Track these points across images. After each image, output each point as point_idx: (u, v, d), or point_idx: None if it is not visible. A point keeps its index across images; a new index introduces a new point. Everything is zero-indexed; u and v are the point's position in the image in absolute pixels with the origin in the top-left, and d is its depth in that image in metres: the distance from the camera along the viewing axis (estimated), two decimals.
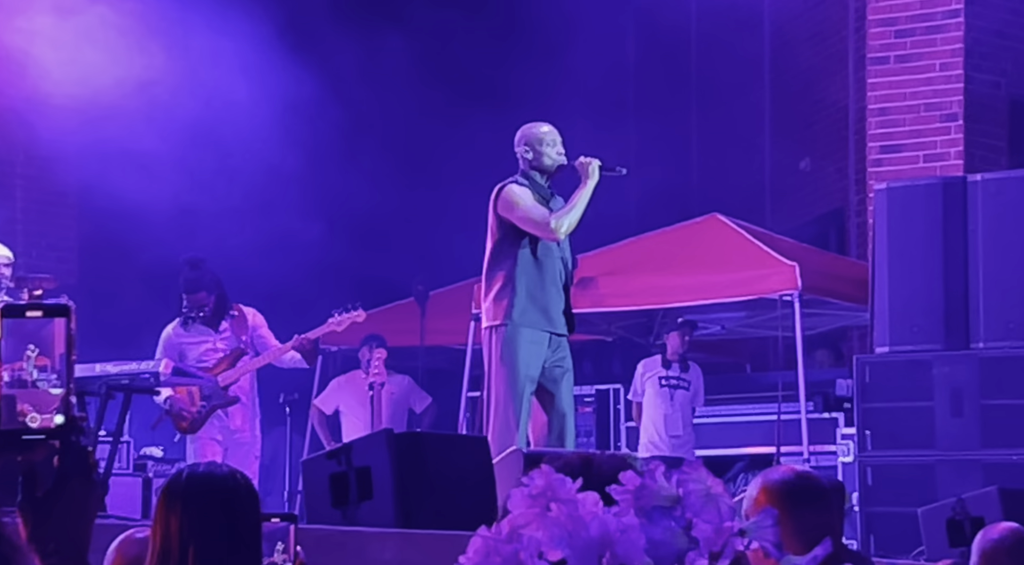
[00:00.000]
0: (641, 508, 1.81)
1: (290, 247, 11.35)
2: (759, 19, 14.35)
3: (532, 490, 1.82)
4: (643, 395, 10.72)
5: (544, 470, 1.84)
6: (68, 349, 1.99)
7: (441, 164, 12.81)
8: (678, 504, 1.82)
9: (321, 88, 10.72)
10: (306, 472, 6.62)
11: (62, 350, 1.98)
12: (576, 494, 1.82)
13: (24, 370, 1.97)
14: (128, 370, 7.52)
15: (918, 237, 8.68)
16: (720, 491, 1.84)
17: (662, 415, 10.60)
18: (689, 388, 10.70)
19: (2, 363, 1.95)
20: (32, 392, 1.96)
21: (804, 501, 3.48)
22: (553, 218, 7.18)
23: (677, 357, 10.70)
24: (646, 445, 10.59)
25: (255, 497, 3.30)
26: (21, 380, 1.96)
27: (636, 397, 10.80)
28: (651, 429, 10.62)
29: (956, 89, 10.59)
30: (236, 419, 8.80)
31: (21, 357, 1.97)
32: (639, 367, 10.85)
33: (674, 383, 10.68)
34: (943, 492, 7.87)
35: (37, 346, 1.97)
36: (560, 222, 7.19)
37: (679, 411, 10.63)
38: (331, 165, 11.62)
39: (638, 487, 1.82)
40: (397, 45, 12.16)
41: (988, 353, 8.42)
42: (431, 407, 11.06)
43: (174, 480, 3.30)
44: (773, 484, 3.53)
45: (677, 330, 10.76)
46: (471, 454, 6.38)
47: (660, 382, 10.68)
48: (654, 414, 10.63)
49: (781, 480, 3.54)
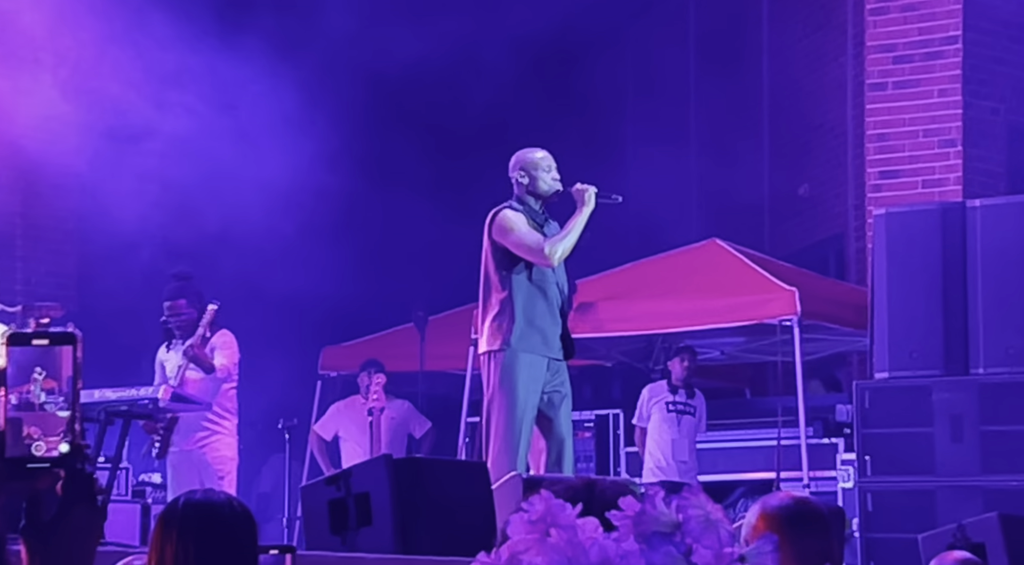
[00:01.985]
0: (641, 534, 1.81)
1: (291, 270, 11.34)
2: (758, 45, 14.39)
3: (532, 515, 1.81)
4: (648, 420, 10.70)
5: (544, 495, 1.83)
6: (75, 376, 1.99)
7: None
8: (678, 530, 1.81)
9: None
10: (305, 498, 6.61)
11: (69, 373, 1.99)
12: (576, 520, 1.81)
13: (31, 392, 1.97)
14: (127, 396, 7.52)
15: (917, 262, 8.68)
16: (720, 517, 1.83)
17: (669, 440, 10.58)
18: (695, 414, 10.71)
19: (8, 389, 1.95)
20: (39, 415, 1.96)
21: (803, 527, 3.47)
22: (547, 244, 7.18)
23: (681, 383, 10.71)
24: (652, 470, 10.57)
25: (252, 524, 3.29)
26: (28, 402, 1.96)
27: (641, 422, 10.77)
28: (658, 454, 10.60)
29: (955, 115, 10.62)
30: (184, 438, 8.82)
31: (28, 379, 1.98)
32: (644, 392, 10.83)
33: (681, 408, 10.68)
34: (943, 518, 7.85)
35: (44, 369, 1.98)
36: (554, 248, 7.19)
37: (686, 437, 10.63)
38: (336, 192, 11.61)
39: (638, 513, 1.82)
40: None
41: (988, 379, 8.41)
42: (430, 432, 11.04)
43: (170, 508, 3.29)
44: (772, 510, 3.52)
45: (677, 356, 10.77)
46: (470, 480, 6.37)
47: (667, 407, 10.66)
48: (661, 440, 10.61)
49: (780, 506, 3.54)
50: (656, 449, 10.61)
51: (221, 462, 8.89)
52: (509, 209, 7.30)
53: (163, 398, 7.65)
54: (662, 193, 13.12)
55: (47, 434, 1.94)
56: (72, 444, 1.95)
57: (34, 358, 1.96)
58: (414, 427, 11.03)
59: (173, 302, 8.90)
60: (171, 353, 9.01)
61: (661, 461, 10.57)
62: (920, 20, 10.77)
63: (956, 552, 4.53)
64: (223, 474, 8.85)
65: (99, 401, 7.49)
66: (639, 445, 10.81)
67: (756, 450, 10.84)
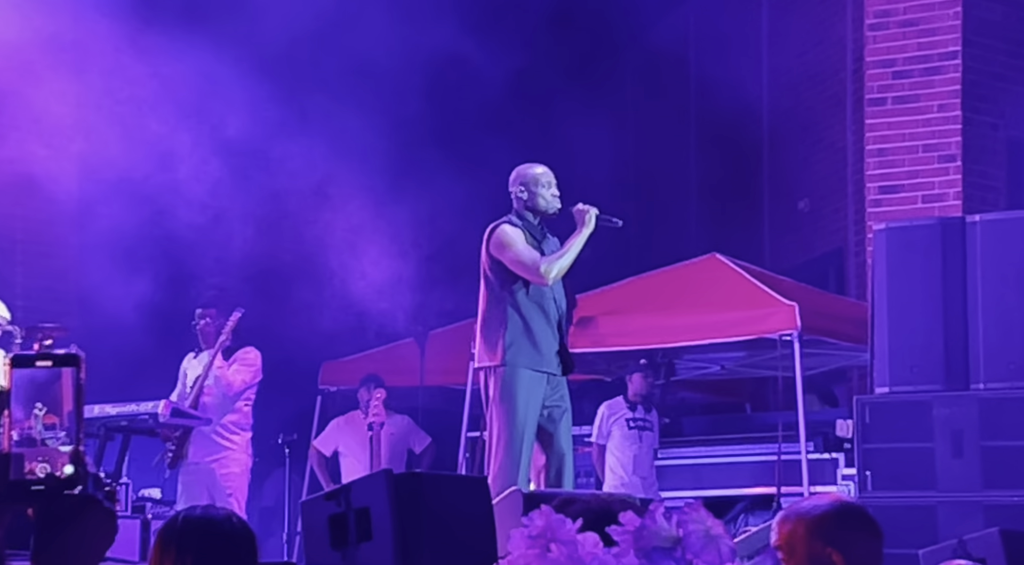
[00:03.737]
0: (641, 549, 1.80)
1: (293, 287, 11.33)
2: (758, 60, 14.41)
3: (532, 531, 1.81)
4: (608, 438, 10.77)
5: (544, 511, 1.83)
6: (77, 399, 2.00)
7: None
8: (678, 545, 1.81)
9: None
10: (305, 513, 6.60)
11: (70, 407, 2.00)
12: (576, 535, 1.81)
13: (33, 428, 1.98)
14: (126, 411, 7.53)
15: (917, 277, 8.68)
16: (720, 532, 1.83)
17: (631, 456, 10.66)
18: (653, 429, 10.79)
19: (12, 415, 1.97)
20: (41, 450, 1.98)
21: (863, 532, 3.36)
22: (544, 263, 7.19)
23: (640, 399, 10.77)
24: (615, 487, 10.62)
25: (252, 541, 3.28)
26: (30, 438, 1.97)
27: (601, 439, 10.82)
28: (619, 471, 10.69)
29: (954, 130, 10.62)
30: (196, 451, 8.85)
31: (29, 415, 1.99)
32: (603, 409, 10.90)
33: (641, 424, 10.77)
34: (944, 534, 7.84)
35: (45, 404, 1.99)
36: (550, 267, 7.19)
37: (647, 452, 10.71)
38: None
39: (638, 528, 1.81)
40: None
41: (988, 394, 8.40)
42: (430, 447, 11.03)
43: (170, 524, 3.28)
44: (828, 516, 3.35)
45: (640, 372, 10.81)
46: (471, 495, 6.36)
47: (628, 424, 10.74)
48: (623, 456, 10.70)
49: (826, 511, 3.37)
50: (618, 466, 10.69)
51: (229, 478, 8.91)
52: (508, 224, 7.30)
53: (163, 413, 7.65)
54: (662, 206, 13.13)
55: (51, 469, 1.95)
56: (76, 467, 1.97)
57: (33, 393, 1.97)
58: (414, 443, 11.02)
59: (204, 309, 9.08)
60: (195, 361, 9.11)
61: (624, 477, 10.62)
62: (919, 35, 10.78)
63: (957, 561, 4.51)
64: (231, 490, 8.87)
65: (99, 416, 7.50)
66: (597, 463, 10.86)
67: (757, 465, 10.82)
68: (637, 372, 10.80)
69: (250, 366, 8.98)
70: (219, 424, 8.92)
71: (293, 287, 11.18)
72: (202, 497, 8.57)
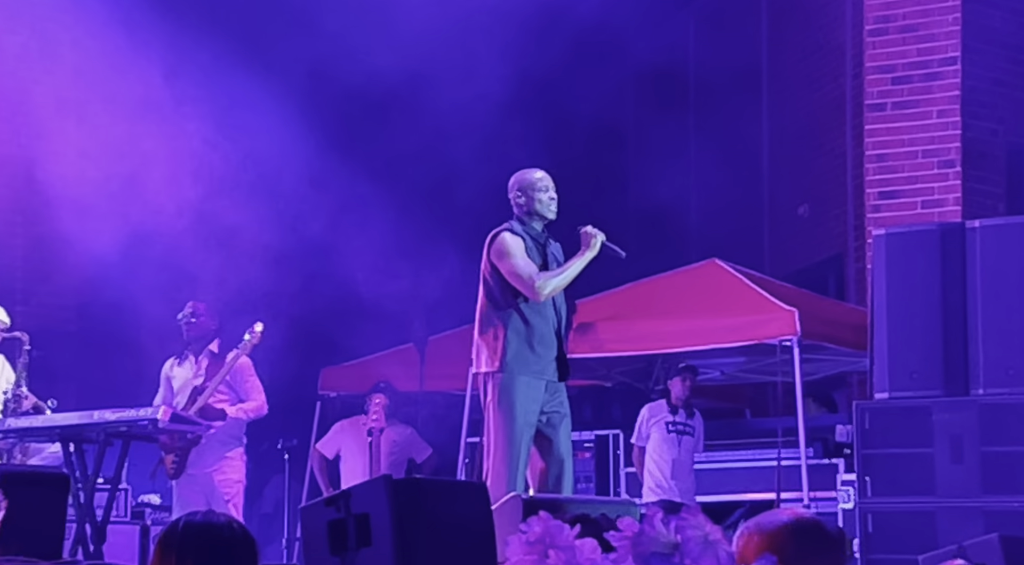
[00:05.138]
0: (639, 554, 1.81)
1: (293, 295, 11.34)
2: (757, 66, 14.42)
3: (530, 537, 1.81)
4: (647, 440, 10.67)
5: (542, 517, 1.83)
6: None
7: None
8: (676, 550, 1.81)
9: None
10: (304, 519, 6.59)
11: None
12: (574, 541, 1.81)
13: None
14: (126, 417, 7.51)
15: (917, 283, 8.68)
16: (718, 537, 1.83)
17: (670, 460, 10.55)
18: (694, 434, 10.69)
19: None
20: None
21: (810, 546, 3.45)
22: (539, 278, 7.18)
23: (682, 403, 10.69)
24: (653, 489, 10.54)
25: (253, 547, 3.28)
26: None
27: (640, 442, 10.73)
28: (657, 474, 10.57)
29: (954, 136, 10.63)
30: (194, 460, 8.83)
31: None
32: (644, 411, 10.80)
33: (681, 428, 10.65)
34: (944, 539, 7.84)
35: None
36: (545, 284, 7.19)
37: (686, 457, 10.61)
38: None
39: (636, 533, 1.82)
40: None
41: (988, 400, 8.39)
42: (432, 458, 11.01)
43: (170, 530, 3.28)
44: (772, 528, 3.50)
45: (679, 375, 10.74)
46: (470, 501, 6.35)
47: (667, 427, 10.64)
48: (660, 460, 10.58)
49: (781, 524, 3.52)
50: (656, 469, 10.59)
51: (228, 485, 8.90)
52: (508, 232, 7.29)
53: (162, 419, 7.64)
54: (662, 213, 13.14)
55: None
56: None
57: None
58: (416, 452, 11.00)
59: (195, 304, 8.98)
60: (179, 369, 9.01)
61: (661, 481, 10.55)
62: (919, 41, 10.79)
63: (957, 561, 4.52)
64: (229, 497, 8.86)
65: (98, 422, 7.49)
66: (637, 465, 10.79)
67: (756, 470, 10.82)
68: (677, 376, 10.73)
69: (259, 392, 9.00)
70: (218, 433, 8.91)
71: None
72: (199, 504, 8.56)
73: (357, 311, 11.44)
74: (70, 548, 6.88)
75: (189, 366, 9.00)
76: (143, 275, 10.41)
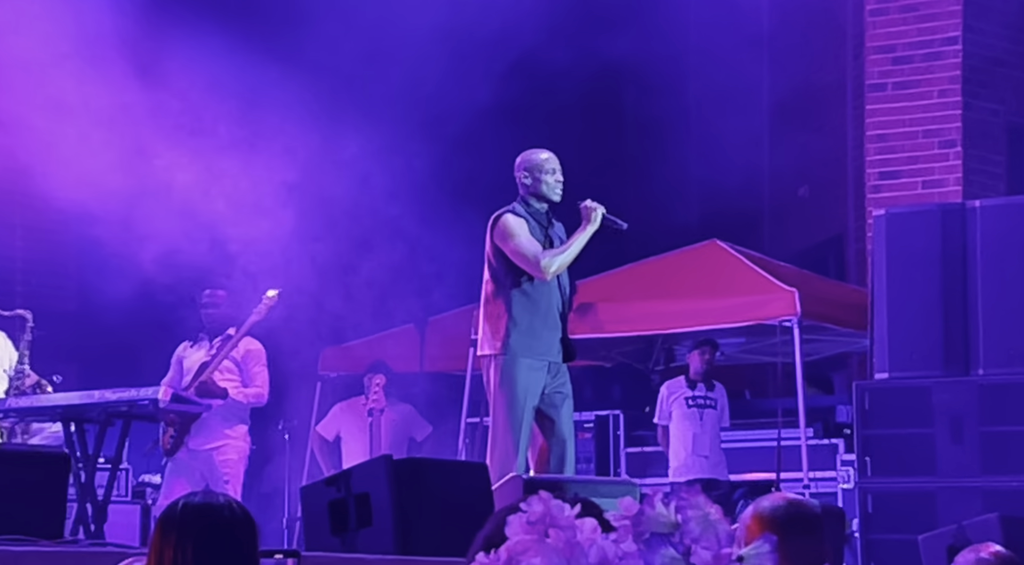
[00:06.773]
0: (640, 535, 1.81)
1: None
2: (758, 46, 14.39)
3: (530, 516, 1.81)
4: (670, 418, 10.64)
5: (543, 496, 1.83)
6: None
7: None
8: (677, 530, 1.81)
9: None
10: (305, 499, 6.61)
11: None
12: (574, 520, 1.81)
13: None
14: (127, 397, 7.51)
15: (917, 263, 8.68)
16: (719, 517, 1.84)
17: (691, 435, 10.53)
18: (716, 407, 10.64)
19: None
20: None
21: (796, 529, 3.48)
22: (544, 257, 7.18)
23: (700, 377, 10.66)
24: (678, 469, 10.52)
25: (253, 527, 3.29)
26: None
27: (663, 420, 10.69)
28: (681, 452, 10.55)
29: (954, 116, 10.61)
30: (196, 438, 8.84)
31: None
32: (663, 390, 10.77)
33: (701, 403, 10.62)
34: (943, 519, 7.85)
35: None
36: (551, 262, 7.19)
37: (708, 431, 10.57)
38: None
39: (636, 513, 1.82)
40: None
41: (988, 380, 8.40)
42: (432, 436, 11.03)
43: (170, 510, 3.28)
44: (765, 512, 3.54)
45: (698, 349, 10.72)
46: (471, 481, 6.37)
47: (687, 403, 10.61)
48: (683, 436, 10.55)
49: (773, 508, 3.55)
50: (679, 446, 10.56)
51: (228, 465, 8.90)
52: (511, 214, 7.29)
53: (163, 399, 7.64)
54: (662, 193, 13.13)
55: None
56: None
57: None
58: (416, 431, 11.01)
59: (214, 291, 8.96)
60: (192, 351, 9.01)
61: (684, 457, 10.52)
62: (920, 21, 10.77)
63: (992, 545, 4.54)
64: (228, 478, 8.86)
65: (99, 402, 7.49)
66: (662, 444, 10.76)
67: (756, 451, 10.84)
68: (695, 350, 10.72)
69: (264, 378, 9.00)
70: (220, 409, 8.92)
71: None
72: (195, 482, 8.57)
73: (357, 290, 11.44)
74: (71, 527, 6.89)
75: (204, 350, 9.00)
76: (145, 254, 10.40)
